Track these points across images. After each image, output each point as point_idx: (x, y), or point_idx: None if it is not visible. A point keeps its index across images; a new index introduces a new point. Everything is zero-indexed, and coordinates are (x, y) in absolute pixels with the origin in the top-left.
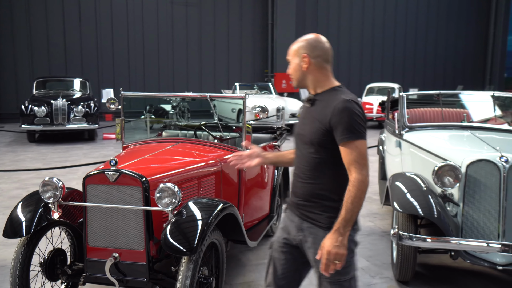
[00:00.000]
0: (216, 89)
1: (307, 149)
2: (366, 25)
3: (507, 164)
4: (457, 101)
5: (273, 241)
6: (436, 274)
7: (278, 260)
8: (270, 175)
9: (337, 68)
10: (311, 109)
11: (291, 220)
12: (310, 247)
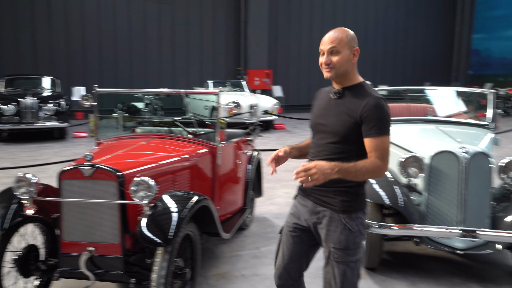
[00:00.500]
0: (189, 87)
1: (329, 139)
2: (337, 24)
3: (468, 155)
4: (422, 96)
5: (283, 226)
6: (401, 260)
7: (287, 243)
8: (244, 170)
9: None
10: (338, 102)
11: (302, 205)
12: (323, 228)
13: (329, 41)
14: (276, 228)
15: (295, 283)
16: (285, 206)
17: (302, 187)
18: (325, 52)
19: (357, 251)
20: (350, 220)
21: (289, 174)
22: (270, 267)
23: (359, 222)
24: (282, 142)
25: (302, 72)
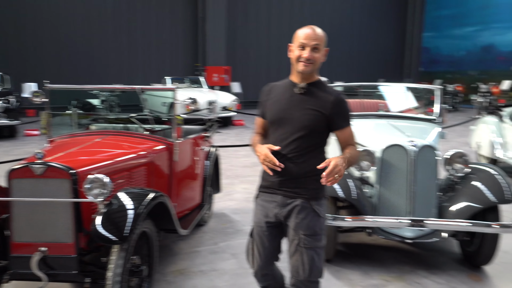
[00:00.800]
0: (146, 83)
1: (296, 133)
2: (294, 20)
3: (416, 149)
4: (375, 92)
5: (252, 228)
6: (355, 251)
7: (262, 243)
8: (201, 166)
9: (268, 62)
10: (303, 97)
11: (269, 201)
12: (294, 217)
13: (314, 37)
14: (234, 224)
15: (271, 274)
16: (244, 201)
17: (267, 185)
18: (308, 47)
19: (323, 236)
20: (319, 206)
21: (247, 170)
22: (229, 262)
23: (324, 208)
24: (241, 138)
25: (261, 68)
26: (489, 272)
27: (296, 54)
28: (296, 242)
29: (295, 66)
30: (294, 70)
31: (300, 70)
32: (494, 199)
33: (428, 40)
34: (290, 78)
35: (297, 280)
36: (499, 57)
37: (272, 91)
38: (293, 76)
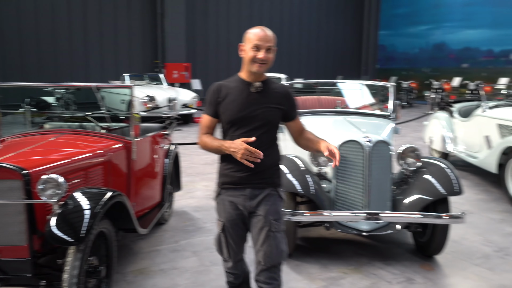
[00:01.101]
0: (103, 80)
1: (260, 129)
2: (254, 18)
3: (371, 144)
4: (332, 89)
5: (223, 224)
6: (314, 245)
7: (234, 237)
8: (161, 164)
9: (228, 60)
10: (260, 95)
11: (237, 196)
12: (263, 205)
13: (268, 39)
14: (195, 222)
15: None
16: (205, 199)
17: (233, 181)
18: (262, 49)
19: (283, 220)
20: (281, 191)
21: (208, 167)
22: (190, 260)
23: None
24: None
25: (221, 65)
26: (440, 261)
27: (251, 55)
28: (267, 228)
29: (248, 66)
30: (245, 69)
31: (255, 71)
32: (444, 192)
33: (384, 38)
34: (240, 77)
35: (270, 265)
36: (450, 55)
37: (222, 90)
38: (244, 74)
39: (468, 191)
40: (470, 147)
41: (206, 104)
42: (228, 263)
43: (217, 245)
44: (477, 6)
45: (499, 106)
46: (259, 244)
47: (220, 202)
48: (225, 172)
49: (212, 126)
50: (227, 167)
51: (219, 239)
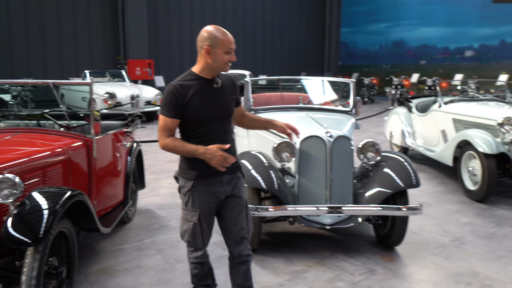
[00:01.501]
0: (64, 77)
1: (224, 122)
2: (217, 14)
3: (332, 139)
4: (295, 85)
5: (198, 213)
6: (279, 240)
7: (209, 222)
8: (123, 162)
9: (192, 56)
10: (219, 89)
11: (214, 184)
12: (237, 188)
13: (233, 41)
14: (160, 219)
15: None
16: (169, 196)
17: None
18: (232, 51)
19: None
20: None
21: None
22: (154, 258)
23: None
24: None
25: (185, 62)
26: (400, 252)
27: (226, 58)
28: (243, 203)
29: (218, 66)
30: (207, 69)
31: (226, 71)
32: (402, 185)
33: (345, 35)
34: (197, 74)
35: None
36: (408, 52)
37: (183, 91)
38: (201, 72)
39: (426, 183)
40: (428, 141)
41: (165, 106)
42: (198, 253)
43: (190, 236)
44: (433, 5)
45: (453, 101)
46: (242, 222)
47: (193, 194)
48: (199, 165)
49: (175, 128)
50: (200, 160)
51: (194, 229)
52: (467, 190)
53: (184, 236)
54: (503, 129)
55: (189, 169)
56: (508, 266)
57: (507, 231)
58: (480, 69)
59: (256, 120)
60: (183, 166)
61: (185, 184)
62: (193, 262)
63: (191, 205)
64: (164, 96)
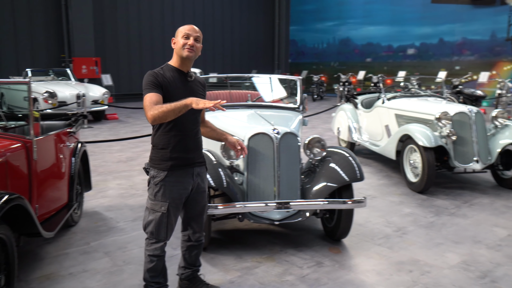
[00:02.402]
0: (3, 76)
1: (195, 114)
2: (166, 11)
3: (279, 136)
4: (243, 83)
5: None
6: (230, 237)
7: (175, 216)
8: (67, 164)
9: (141, 55)
10: (192, 82)
11: (185, 176)
12: (202, 179)
13: (196, 31)
14: (107, 221)
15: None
16: (118, 198)
17: (181, 163)
18: (191, 37)
19: None
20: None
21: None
22: (101, 261)
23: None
24: (115, 133)
25: (133, 60)
26: (347, 244)
27: (182, 42)
28: (205, 201)
29: (179, 52)
30: (177, 59)
31: (185, 56)
32: (347, 179)
33: (294, 33)
34: (173, 66)
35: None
36: (355, 50)
37: (162, 76)
38: (176, 64)
39: (371, 177)
40: (373, 136)
41: (147, 86)
42: (159, 244)
43: (154, 227)
44: (376, 4)
45: (396, 97)
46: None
47: (165, 185)
48: (174, 156)
49: (161, 101)
50: (174, 150)
51: (161, 220)
52: (409, 182)
53: (147, 227)
54: (440, 123)
55: (163, 160)
56: (445, 252)
57: (444, 220)
58: (421, 66)
59: (213, 130)
60: (157, 157)
61: (158, 174)
62: (150, 254)
63: (162, 195)
64: (144, 80)
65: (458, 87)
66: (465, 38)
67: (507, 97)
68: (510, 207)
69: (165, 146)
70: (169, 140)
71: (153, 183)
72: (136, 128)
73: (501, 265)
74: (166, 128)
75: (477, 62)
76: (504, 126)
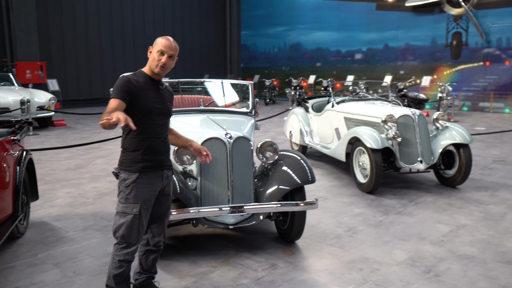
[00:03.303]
0: None
1: (165, 119)
2: (115, 15)
3: (231, 140)
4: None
5: (139, 206)
6: (184, 243)
7: (146, 217)
8: (12, 173)
9: (89, 59)
10: (162, 91)
11: (155, 178)
12: (169, 182)
13: (173, 48)
14: (56, 231)
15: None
16: (67, 206)
17: (152, 165)
18: (166, 54)
19: None
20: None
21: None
22: (50, 273)
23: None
24: (63, 140)
25: (82, 65)
26: (300, 245)
27: (156, 58)
28: (168, 205)
29: (152, 66)
30: (148, 66)
31: (157, 72)
32: (299, 181)
33: (246, 38)
34: (147, 73)
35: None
36: (305, 55)
37: (133, 82)
38: (149, 72)
39: (323, 179)
40: (323, 139)
41: (116, 90)
42: (130, 249)
43: (125, 230)
44: (325, 10)
45: (345, 101)
46: (166, 219)
47: (136, 186)
48: (145, 158)
49: (120, 109)
50: (145, 153)
51: (133, 222)
52: (359, 183)
53: (118, 231)
54: (386, 125)
55: (134, 162)
56: (393, 250)
57: (392, 219)
58: (368, 70)
59: (178, 137)
60: (128, 159)
61: (129, 176)
62: (120, 259)
63: (133, 197)
64: (116, 84)
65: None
66: (408, 44)
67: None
68: (451, 204)
69: (136, 148)
70: (140, 143)
71: (124, 185)
72: (85, 134)
73: (444, 259)
74: (137, 131)
75: (420, 66)
76: (444, 128)
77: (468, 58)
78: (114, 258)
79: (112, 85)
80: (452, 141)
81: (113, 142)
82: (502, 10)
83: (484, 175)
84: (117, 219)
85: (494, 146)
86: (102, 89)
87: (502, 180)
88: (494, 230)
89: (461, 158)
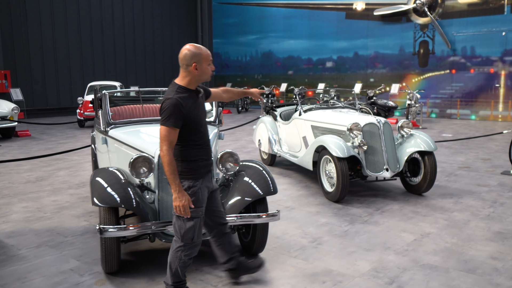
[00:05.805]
0: None
1: (207, 124)
2: (83, 22)
3: None
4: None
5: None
6: (143, 259)
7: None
8: None
9: (56, 68)
10: (199, 98)
11: (209, 179)
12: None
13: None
14: (7, 249)
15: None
16: (22, 222)
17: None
18: (211, 62)
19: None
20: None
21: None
22: None
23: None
24: (26, 151)
25: (48, 73)
26: (264, 257)
27: (209, 69)
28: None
29: (204, 77)
30: (193, 80)
31: (209, 80)
32: (261, 192)
33: (218, 46)
34: (186, 87)
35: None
36: (277, 63)
37: (184, 102)
38: (188, 84)
39: (291, 188)
40: (292, 148)
41: (170, 117)
42: (197, 247)
43: (195, 232)
44: (296, 19)
45: (312, 109)
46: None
47: (198, 192)
48: (202, 164)
49: (175, 140)
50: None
51: (200, 224)
52: (326, 192)
53: (187, 234)
54: (352, 134)
55: (195, 169)
56: (357, 260)
57: (358, 228)
58: (339, 78)
59: (231, 91)
60: (188, 168)
61: (194, 183)
62: (189, 258)
63: (199, 202)
64: (167, 109)
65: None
66: (377, 52)
67: (416, 107)
68: (417, 212)
69: (195, 158)
70: (197, 152)
71: (190, 192)
72: (50, 145)
73: (407, 269)
74: (191, 141)
75: (389, 74)
76: (409, 136)
77: (435, 66)
78: (182, 258)
79: (81, 94)
80: (417, 148)
81: (78, 153)
82: (466, 20)
83: (449, 181)
84: (183, 224)
85: (460, 152)
86: (70, 98)
87: (467, 187)
88: (457, 238)
89: (426, 166)
